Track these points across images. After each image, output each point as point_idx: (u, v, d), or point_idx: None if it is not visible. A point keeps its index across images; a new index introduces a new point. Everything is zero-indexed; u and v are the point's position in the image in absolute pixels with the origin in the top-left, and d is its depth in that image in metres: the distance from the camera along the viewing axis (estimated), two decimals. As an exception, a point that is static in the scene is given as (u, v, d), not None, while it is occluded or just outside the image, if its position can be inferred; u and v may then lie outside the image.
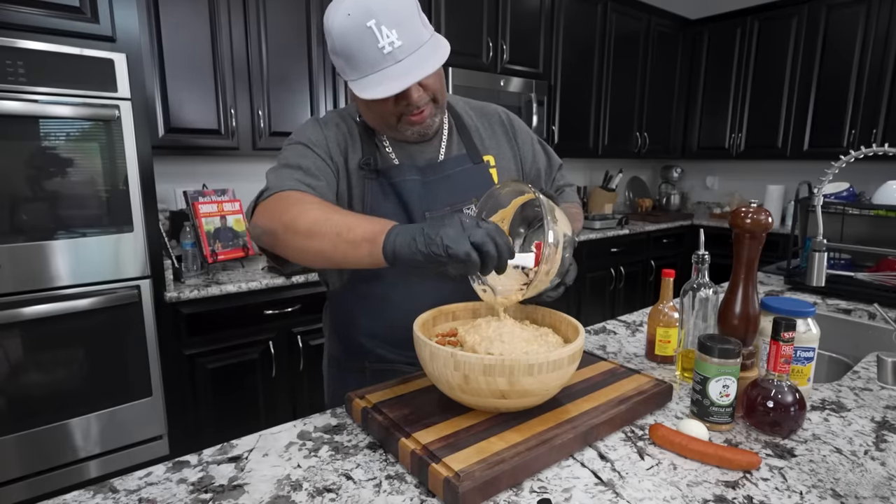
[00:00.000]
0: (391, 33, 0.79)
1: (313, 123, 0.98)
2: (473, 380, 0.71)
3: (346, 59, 0.83)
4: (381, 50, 0.80)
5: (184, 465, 0.74)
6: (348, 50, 0.81)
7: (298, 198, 0.82)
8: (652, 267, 3.71)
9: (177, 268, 1.95)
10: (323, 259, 0.76)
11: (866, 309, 1.50)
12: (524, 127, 1.13)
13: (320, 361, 1.21)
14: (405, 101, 0.87)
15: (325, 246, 0.74)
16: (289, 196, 0.82)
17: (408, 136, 0.95)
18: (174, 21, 1.97)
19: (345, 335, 1.08)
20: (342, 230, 0.73)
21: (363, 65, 0.81)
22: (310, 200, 0.81)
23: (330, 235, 0.73)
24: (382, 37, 0.79)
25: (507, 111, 1.13)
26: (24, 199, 1.54)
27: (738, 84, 3.81)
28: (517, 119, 1.13)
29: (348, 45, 0.81)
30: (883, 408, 0.92)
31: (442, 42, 0.86)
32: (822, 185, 1.28)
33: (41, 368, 1.61)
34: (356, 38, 0.80)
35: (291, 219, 0.77)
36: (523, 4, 3.02)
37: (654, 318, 1.09)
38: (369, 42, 0.79)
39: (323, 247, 0.74)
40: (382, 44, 0.79)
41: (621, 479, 0.70)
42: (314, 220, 0.76)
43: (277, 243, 0.80)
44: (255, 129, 2.20)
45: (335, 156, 0.96)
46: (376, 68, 0.81)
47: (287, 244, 0.78)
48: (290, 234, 0.77)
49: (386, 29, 0.79)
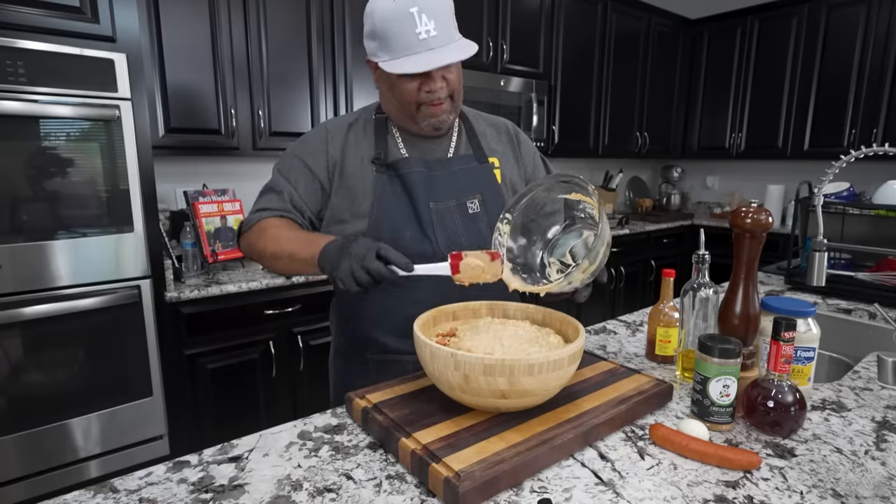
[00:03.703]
0: (429, 23, 0.88)
1: (319, 132, 1.07)
2: (474, 380, 0.71)
3: (383, 40, 0.90)
4: (418, 35, 0.87)
5: (184, 465, 0.74)
6: (388, 31, 0.89)
7: (264, 228, 1.01)
8: (652, 267, 3.71)
9: (177, 268, 1.95)
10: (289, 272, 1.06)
11: (867, 309, 1.50)
12: (528, 141, 1.23)
13: (321, 361, 1.23)
14: (428, 88, 0.93)
15: (284, 266, 0.98)
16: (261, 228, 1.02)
17: (423, 128, 1.02)
18: (174, 21, 1.97)
19: (349, 325, 1.12)
20: (294, 252, 0.93)
21: (398, 47, 0.89)
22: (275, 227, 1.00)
23: (285, 259, 0.96)
24: (421, 24, 0.87)
25: (515, 126, 1.22)
26: (24, 199, 1.54)
27: (738, 84, 3.81)
28: (523, 133, 1.23)
29: (388, 27, 0.88)
30: (883, 407, 0.93)
31: (471, 44, 0.94)
32: (822, 184, 1.29)
33: (42, 368, 1.61)
34: (398, 21, 0.87)
35: (260, 250, 1.01)
36: (523, 4, 3.02)
37: (654, 318, 1.09)
38: (408, 27, 0.87)
39: (284, 267, 0.99)
40: (420, 30, 0.87)
41: (622, 478, 0.71)
42: (274, 251, 0.98)
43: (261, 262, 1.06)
44: (256, 128, 2.20)
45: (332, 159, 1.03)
46: (410, 51, 0.89)
47: (262, 264, 1.06)
48: (263, 259, 1.02)
49: (426, 17, 0.87)
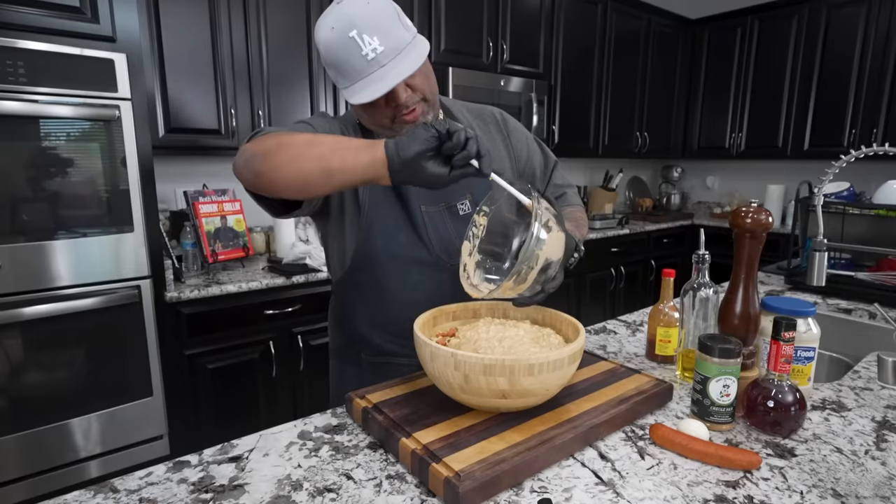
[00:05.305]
0: (373, 40, 0.84)
1: (321, 116, 1.02)
2: (474, 380, 0.71)
3: (336, 69, 0.88)
4: (365, 57, 0.85)
5: (184, 465, 0.74)
6: (336, 60, 0.87)
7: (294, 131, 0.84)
8: (652, 267, 3.71)
9: (177, 268, 1.95)
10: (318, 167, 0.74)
11: (867, 308, 1.50)
12: (519, 126, 1.16)
13: (321, 361, 1.22)
14: (395, 102, 0.90)
15: (324, 151, 0.74)
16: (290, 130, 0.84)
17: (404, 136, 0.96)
18: (174, 21, 1.97)
19: (345, 325, 1.11)
20: (341, 139, 0.77)
21: (351, 72, 0.86)
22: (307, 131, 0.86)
23: (329, 142, 0.76)
24: (365, 45, 0.84)
25: (502, 112, 1.15)
26: (24, 200, 1.54)
27: (738, 84, 3.81)
28: (512, 118, 1.16)
29: (336, 56, 0.86)
30: (883, 407, 0.92)
31: (421, 42, 0.90)
32: (822, 184, 1.28)
33: (42, 368, 1.61)
34: (341, 48, 0.85)
35: (288, 137, 0.78)
36: (523, 4, 3.02)
37: (654, 318, 1.09)
38: (353, 51, 0.84)
39: (322, 151, 0.74)
40: (365, 51, 0.84)
41: (622, 478, 0.71)
42: (312, 136, 0.79)
43: (268, 161, 0.77)
44: (255, 128, 2.20)
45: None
46: (363, 74, 0.86)
47: (280, 157, 0.76)
48: (285, 148, 0.76)
49: (367, 37, 0.84)
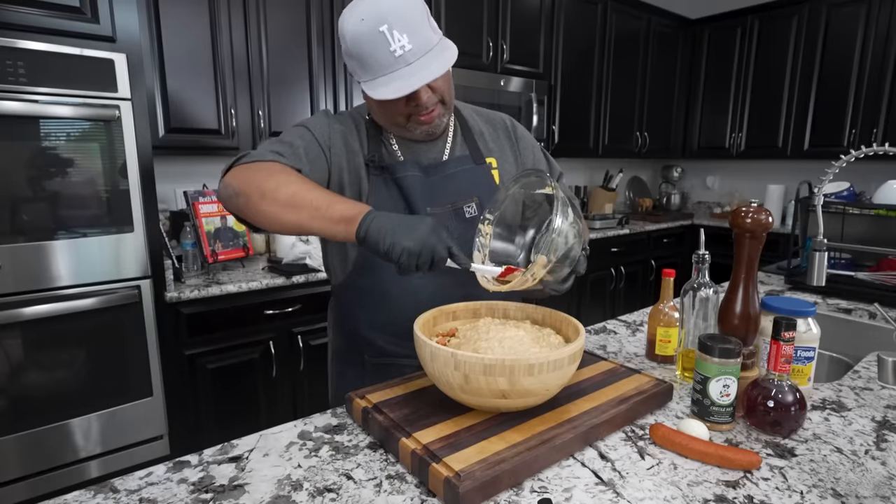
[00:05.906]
0: (402, 37, 0.83)
1: (323, 114, 1.01)
2: (474, 379, 0.71)
3: (359, 61, 0.86)
4: (393, 53, 0.83)
5: (184, 465, 0.74)
6: (361, 53, 0.85)
7: (280, 169, 0.84)
8: (652, 267, 3.71)
9: (177, 268, 1.95)
10: (296, 229, 0.79)
11: (867, 308, 1.50)
12: (528, 134, 1.17)
13: (321, 361, 1.22)
14: (415, 102, 0.90)
15: (302, 218, 0.77)
16: (270, 166, 0.84)
17: (416, 135, 0.98)
18: (174, 21, 1.97)
19: (347, 327, 1.10)
20: (321, 206, 0.77)
21: (375, 67, 0.85)
22: (291, 173, 0.84)
23: (309, 209, 0.77)
24: (394, 41, 0.83)
25: (512, 119, 1.17)
26: (24, 200, 1.53)
27: (738, 84, 3.81)
28: (521, 126, 1.17)
29: (361, 49, 0.84)
30: (883, 407, 0.93)
31: (449, 45, 0.90)
32: (822, 184, 1.28)
33: (42, 368, 1.61)
34: (369, 41, 0.83)
35: (272, 188, 0.79)
36: (523, 4, 3.02)
37: (654, 318, 1.09)
38: (381, 46, 0.83)
39: (300, 219, 0.77)
40: (394, 47, 0.83)
41: (622, 478, 0.71)
42: (294, 193, 0.79)
43: (249, 208, 0.81)
44: (256, 129, 2.20)
45: (336, 147, 0.97)
46: (387, 70, 0.84)
47: (262, 211, 0.80)
48: (267, 202, 0.79)
49: (398, 33, 0.83)
